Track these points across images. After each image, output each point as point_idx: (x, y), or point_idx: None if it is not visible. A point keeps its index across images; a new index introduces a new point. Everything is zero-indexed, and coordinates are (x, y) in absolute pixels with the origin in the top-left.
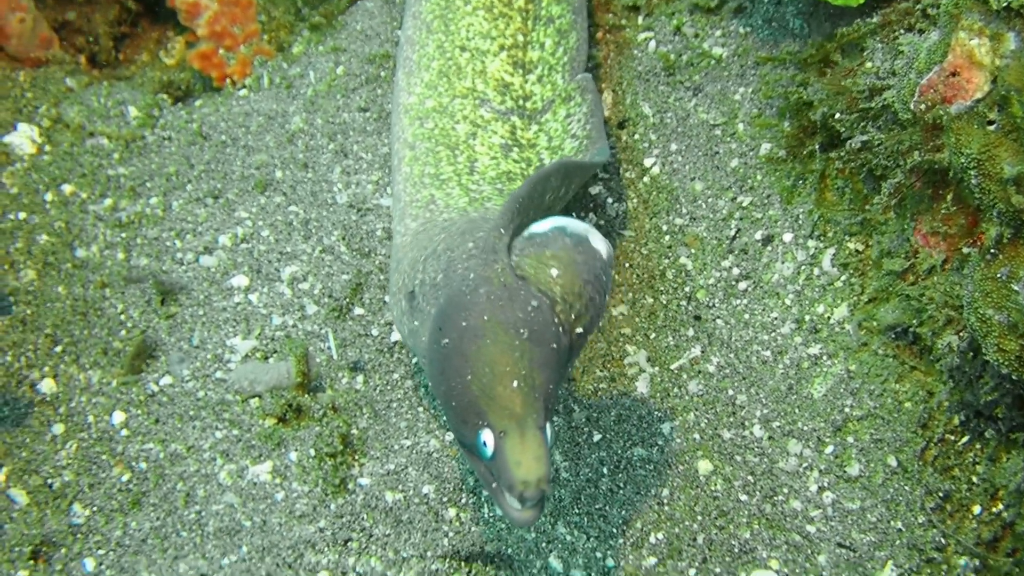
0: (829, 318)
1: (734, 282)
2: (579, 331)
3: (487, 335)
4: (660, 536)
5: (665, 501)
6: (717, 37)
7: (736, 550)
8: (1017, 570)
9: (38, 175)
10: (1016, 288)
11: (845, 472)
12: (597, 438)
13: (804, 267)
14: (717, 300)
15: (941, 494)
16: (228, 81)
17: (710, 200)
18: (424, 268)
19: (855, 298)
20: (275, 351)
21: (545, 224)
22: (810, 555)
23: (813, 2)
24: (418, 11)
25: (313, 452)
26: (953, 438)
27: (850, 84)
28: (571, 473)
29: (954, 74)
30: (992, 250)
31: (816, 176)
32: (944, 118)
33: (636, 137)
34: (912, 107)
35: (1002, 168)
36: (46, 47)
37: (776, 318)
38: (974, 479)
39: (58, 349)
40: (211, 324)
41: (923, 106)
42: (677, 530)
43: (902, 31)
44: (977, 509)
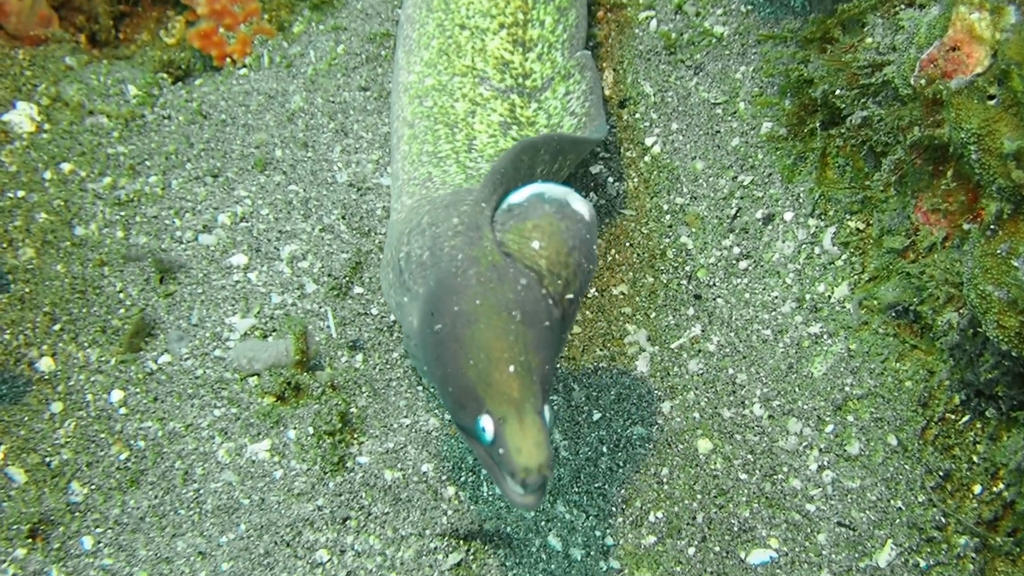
0: (830, 297)
1: (735, 261)
2: (569, 297)
3: (480, 319)
4: (659, 515)
5: (664, 480)
6: (718, 16)
7: (736, 529)
8: (1018, 549)
9: (37, 153)
10: (1016, 264)
11: (845, 451)
12: (597, 417)
13: (805, 246)
14: (718, 279)
15: (941, 473)
16: (228, 60)
17: (711, 179)
18: (409, 241)
19: (856, 277)
20: (274, 329)
21: (523, 193)
22: (810, 534)
23: None
24: None
25: (312, 430)
26: (954, 417)
27: (850, 60)
28: (570, 452)
29: (954, 48)
30: (992, 226)
31: (817, 154)
32: (944, 93)
33: (637, 116)
34: (912, 82)
35: (1002, 143)
36: (45, 25)
37: (777, 297)
38: (975, 458)
39: (56, 327)
40: (210, 302)
41: (923, 81)
42: (676, 509)
43: (903, 6)
44: (978, 488)
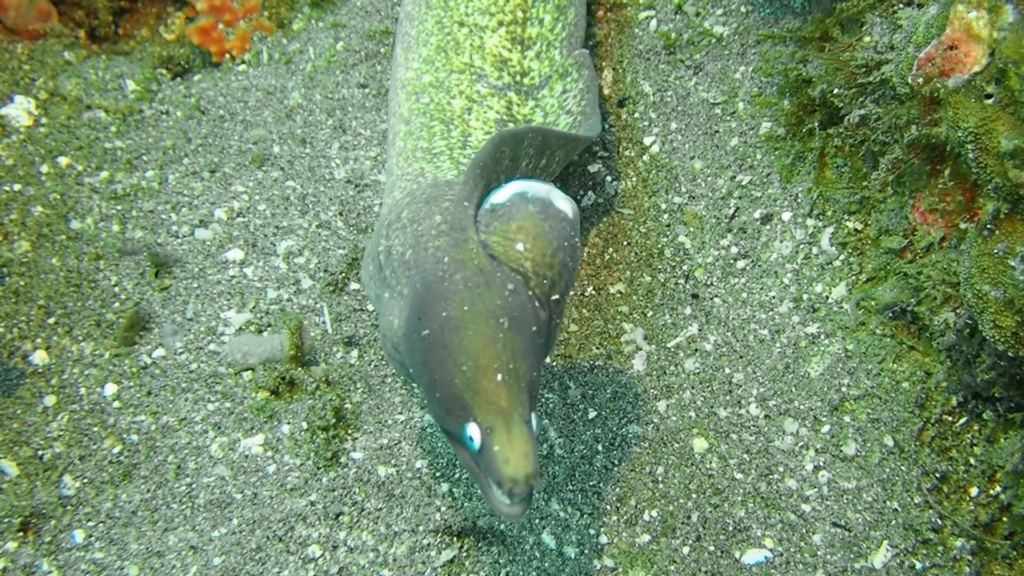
0: (827, 297)
1: (732, 261)
2: (555, 298)
3: (468, 326)
4: (654, 513)
5: (660, 479)
6: (718, 16)
7: (730, 528)
8: (1015, 553)
9: (34, 147)
10: (1013, 264)
11: (841, 451)
12: (592, 415)
13: (803, 246)
14: (715, 279)
15: (938, 475)
16: (227, 56)
17: (709, 179)
18: (389, 236)
19: (853, 277)
20: (269, 324)
21: (505, 192)
22: (805, 534)
23: None
24: None
25: (305, 425)
26: (951, 419)
27: (848, 58)
28: (565, 450)
29: (952, 47)
30: (989, 225)
31: (815, 154)
32: (942, 91)
33: (636, 116)
34: (910, 81)
35: (999, 142)
36: (44, 20)
37: (774, 297)
38: (972, 460)
39: (51, 321)
40: (205, 297)
41: (921, 80)
42: (671, 508)
43: (901, 5)
44: (975, 491)
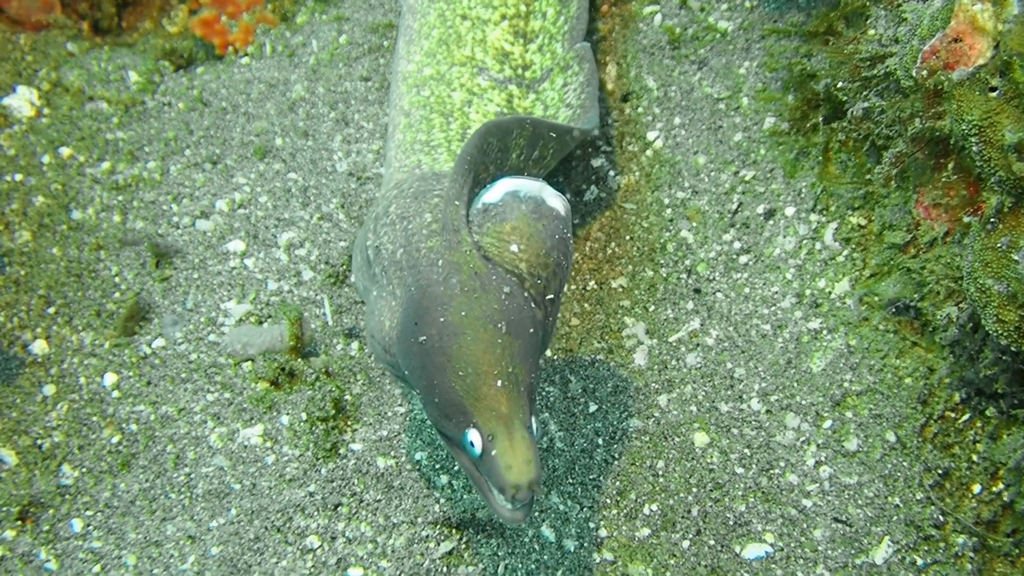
0: (830, 292)
1: (735, 256)
2: (550, 298)
3: (467, 332)
4: (654, 507)
5: (660, 473)
6: (723, 11)
7: (731, 523)
8: (1017, 551)
9: (36, 137)
10: (1016, 258)
11: (843, 447)
12: (593, 408)
13: (806, 241)
14: (717, 273)
15: (940, 471)
16: (230, 49)
17: (712, 174)
18: (377, 231)
19: (857, 273)
20: (269, 316)
21: (497, 191)
22: (805, 529)
23: None
24: None
25: (305, 416)
26: (954, 415)
27: (853, 51)
28: (566, 443)
29: (957, 40)
30: (992, 219)
31: (819, 149)
32: (946, 84)
33: (639, 110)
34: (914, 74)
35: (1003, 135)
36: (48, 11)
37: (776, 292)
38: (974, 458)
39: (51, 310)
40: (206, 288)
41: (925, 72)
42: (672, 502)
43: None
44: (977, 488)
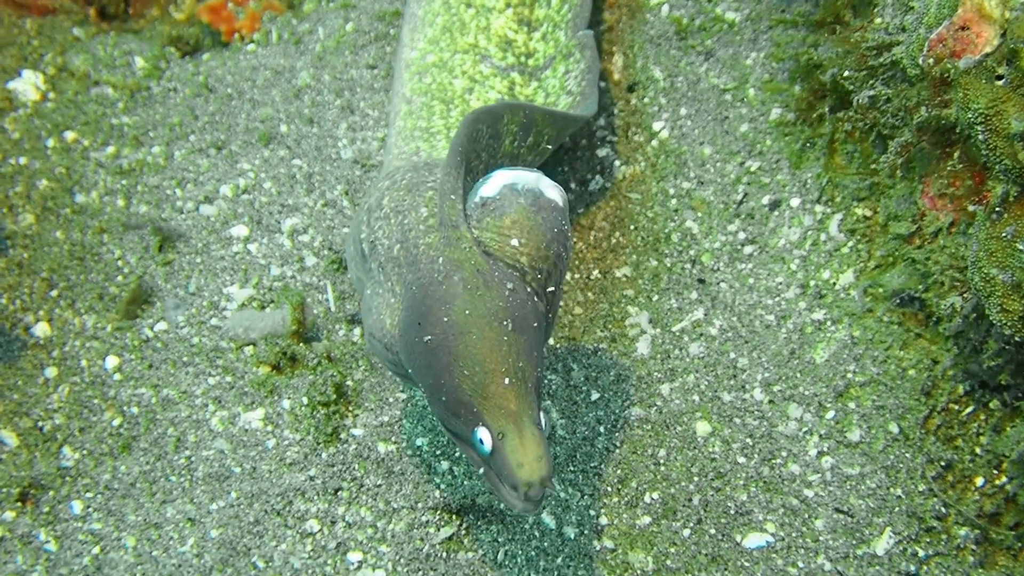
0: (834, 284)
1: (740, 246)
2: (551, 290)
3: (472, 330)
4: (655, 496)
5: (662, 461)
6: (730, 2)
7: (732, 512)
8: (1020, 544)
9: (40, 121)
10: (1021, 247)
11: (845, 437)
12: (595, 397)
13: (811, 232)
14: (722, 264)
15: (943, 463)
16: (236, 36)
17: (718, 164)
18: (372, 224)
19: (861, 264)
20: (272, 301)
21: (494, 184)
22: (807, 519)
23: None
24: None
25: (306, 400)
26: (957, 408)
27: (859, 39)
28: (567, 431)
29: (964, 28)
30: (998, 208)
31: (825, 140)
32: (952, 72)
33: (646, 101)
34: (921, 62)
35: (1009, 123)
36: None
37: (781, 283)
38: (977, 450)
39: (54, 293)
40: (208, 272)
41: (931, 61)
42: (673, 490)
43: None
44: (980, 481)
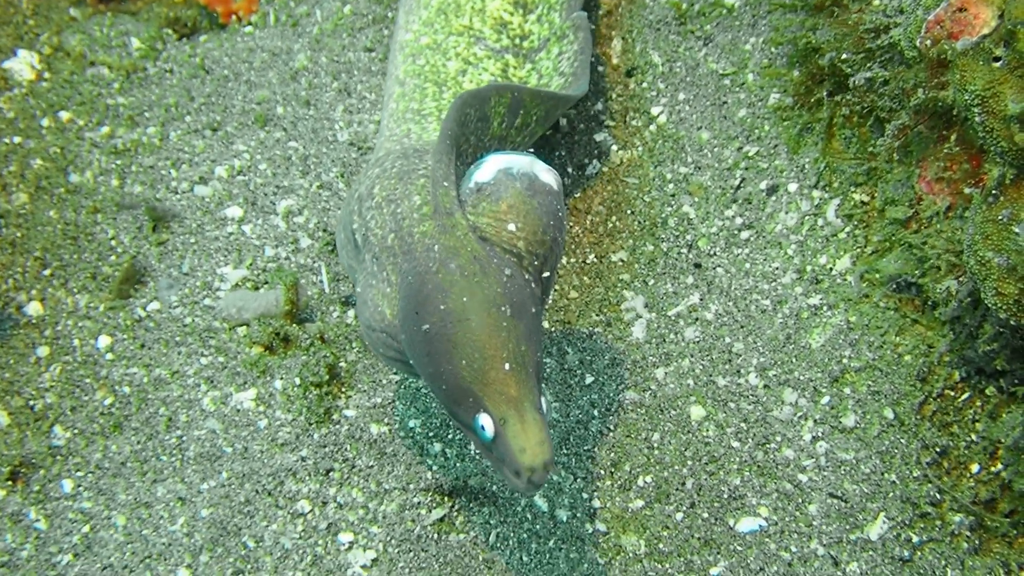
0: (831, 269)
1: (736, 231)
2: (546, 275)
3: (471, 318)
4: (648, 479)
5: (655, 445)
6: None
7: (725, 496)
8: (1015, 531)
9: (36, 101)
10: (1017, 230)
11: (840, 423)
12: (589, 380)
13: (808, 217)
14: (718, 249)
15: (938, 449)
16: (234, 17)
17: (716, 149)
18: (362, 213)
19: (858, 249)
20: (266, 282)
21: (488, 169)
22: (800, 504)
23: None
24: None
25: (299, 381)
26: (953, 394)
27: (857, 21)
28: (561, 414)
29: (961, 9)
30: (994, 191)
31: (823, 125)
32: (950, 54)
33: (644, 85)
34: (918, 44)
35: (1006, 105)
36: None
37: (777, 268)
38: (973, 436)
39: (47, 272)
40: (202, 252)
41: (929, 42)
42: (666, 474)
43: None
44: (975, 467)
